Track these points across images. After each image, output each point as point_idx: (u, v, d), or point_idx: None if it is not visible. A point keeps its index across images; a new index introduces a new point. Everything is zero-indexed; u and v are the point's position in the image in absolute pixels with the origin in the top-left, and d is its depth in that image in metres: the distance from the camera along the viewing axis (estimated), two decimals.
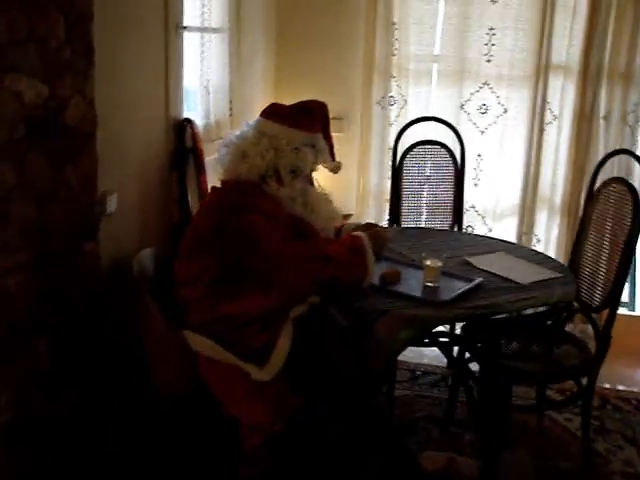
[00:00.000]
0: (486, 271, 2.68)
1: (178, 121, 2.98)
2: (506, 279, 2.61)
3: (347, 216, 4.01)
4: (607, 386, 3.62)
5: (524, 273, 2.68)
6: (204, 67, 3.21)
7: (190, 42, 3.10)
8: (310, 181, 2.55)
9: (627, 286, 4.22)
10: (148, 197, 2.85)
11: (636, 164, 3.54)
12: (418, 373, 3.65)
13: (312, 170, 2.52)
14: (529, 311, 2.47)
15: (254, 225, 2.26)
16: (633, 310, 4.32)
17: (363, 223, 2.86)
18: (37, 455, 2.23)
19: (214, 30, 3.24)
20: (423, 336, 2.83)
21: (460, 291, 2.44)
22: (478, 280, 2.54)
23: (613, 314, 2.76)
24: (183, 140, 2.98)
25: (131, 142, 2.70)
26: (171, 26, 2.84)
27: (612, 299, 2.75)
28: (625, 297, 4.31)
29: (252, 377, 2.26)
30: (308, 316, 2.42)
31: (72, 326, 2.33)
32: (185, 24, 2.96)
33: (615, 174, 3.41)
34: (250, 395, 2.29)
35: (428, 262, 2.51)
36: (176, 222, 2.98)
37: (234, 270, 2.29)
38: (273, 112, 2.46)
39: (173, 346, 2.37)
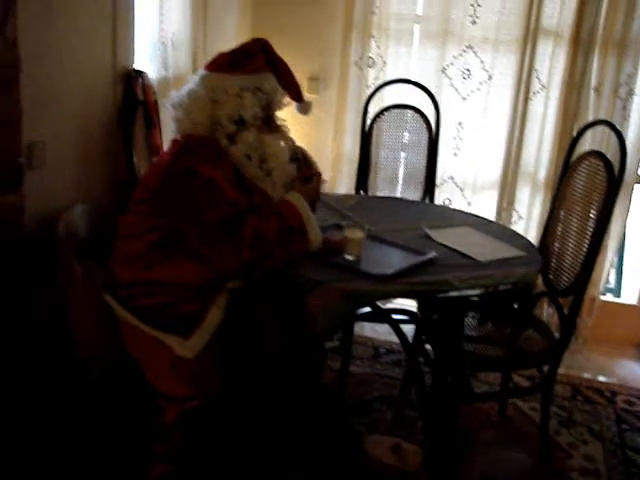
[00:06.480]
0: (445, 246, 2.51)
1: (127, 72, 2.79)
2: (464, 255, 2.45)
3: None
4: (585, 375, 3.44)
5: (485, 250, 2.51)
6: (164, 18, 3.01)
7: None
8: (275, 129, 2.27)
9: (614, 271, 4.01)
10: (89, 151, 2.68)
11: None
12: (382, 351, 3.48)
13: (263, 116, 2.20)
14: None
15: (196, 190, 2.06)
16: (619, 297, 4.10)
17: None
18: None
19: None
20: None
21: (406, 265, 2.27)
22: (430, 254, 2.37)
23: (579, 299, 2.56)
24: (132, 92, 2.79)
25: (68, 91, 2.53)
26: None
27: (579, 283, 2.55)
28: (612, 283, 4.11)
29: (175, 352, 2.12)
30: (244, 288, 2.26)
31: None
32: None
33: (597, 147, 3.17)
34: (170, 367, 2.15)
35: (347, 233, 2.31)
36: (122, 179, 2.80)
37: (177, 235, 2.12)
38: (212, 62, 2.25)
39: (96, 310, 2.25)
